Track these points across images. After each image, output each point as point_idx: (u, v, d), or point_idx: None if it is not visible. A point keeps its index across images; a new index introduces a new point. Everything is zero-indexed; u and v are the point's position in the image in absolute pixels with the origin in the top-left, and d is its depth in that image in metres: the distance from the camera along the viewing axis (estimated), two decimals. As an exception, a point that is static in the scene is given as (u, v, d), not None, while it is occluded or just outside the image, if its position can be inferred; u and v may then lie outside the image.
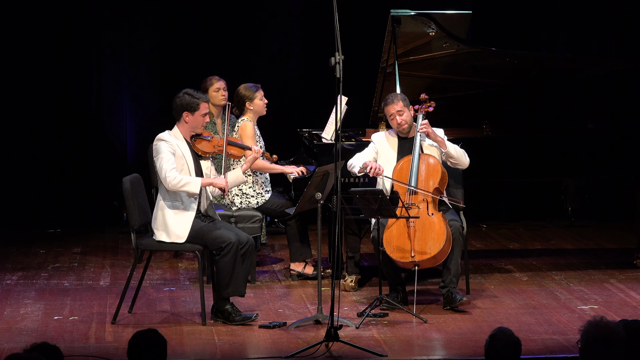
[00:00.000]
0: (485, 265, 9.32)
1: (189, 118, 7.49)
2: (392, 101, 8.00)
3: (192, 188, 7.35)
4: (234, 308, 7.40)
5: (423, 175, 7.87)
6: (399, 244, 7.66)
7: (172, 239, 7.43)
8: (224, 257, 7.35)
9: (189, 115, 7.48)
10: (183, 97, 7.51)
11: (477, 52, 8.86)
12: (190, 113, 7.48)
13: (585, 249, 10.13)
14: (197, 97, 7.51)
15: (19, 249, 10.10)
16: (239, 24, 11.32)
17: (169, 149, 7.40)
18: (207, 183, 7.47)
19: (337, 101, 6.86)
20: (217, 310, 7.45)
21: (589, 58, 9.60)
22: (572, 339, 6.92)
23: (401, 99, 8.00)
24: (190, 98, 7.49)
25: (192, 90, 7.56)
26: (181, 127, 7.52)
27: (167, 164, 7.35)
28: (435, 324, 7.40)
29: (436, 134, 7.96)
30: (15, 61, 11.05)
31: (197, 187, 7.36)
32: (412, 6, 8.95)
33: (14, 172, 11.14)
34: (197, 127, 7.53)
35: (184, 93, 7.53)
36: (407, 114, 8.00)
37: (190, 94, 7.51)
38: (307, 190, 7.58)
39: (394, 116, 8.00)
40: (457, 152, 7.96)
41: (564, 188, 11.58)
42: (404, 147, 8.05)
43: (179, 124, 7.53)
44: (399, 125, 8.00)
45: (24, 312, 7.78)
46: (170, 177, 7.32)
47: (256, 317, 7.45)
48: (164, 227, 7.44)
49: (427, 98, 8.10)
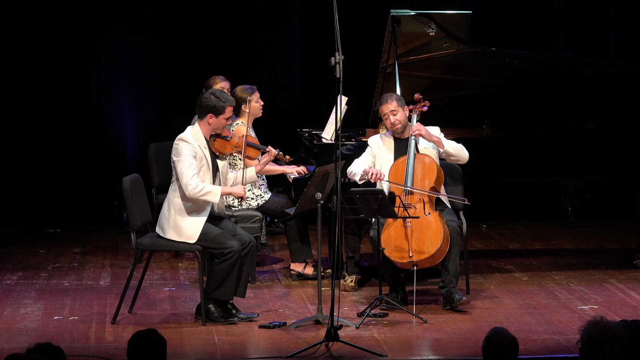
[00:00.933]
0: (485, 265, 9.32)
1: (212, 120, 7.45)
2: (386, 101, 7.99)
3: (212, 198, 7.35)
4: (216, 308, 7.40)
5: (419, 175, 7.87)
6: (397, 245, 7.66)
7: (183, 238, 7.41)
8: (223, 262, 7.35)
9: (213, 117, 7.44)
10: (210, 98, 7.43)
11: (477, 52, 8.86)
12: (214, 115, 7.44)
13: (585, 249, 10.13)
14: (223, 100, 7.44)
15: (19, 249, 10.10)
16: (239, 24, 11.31)
17: (191, 152, 7.37)
18: (226, 192, 7.46)
19: (337, 101, 6.86)
20: (198, 308, 7.45)
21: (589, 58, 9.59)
22: (572, 339, 6.92)
23: (396, 99, 8.00)
24: (217, 101, 7.42)
25: (220, 92, 7.50)
26: (203, 126, 7.48)
27: (189, 170, 7.32)
28: (435, 324, 7.40)
29: (431, 134, 7.94)
30: (15, 61, 11.05)
31: (217, 197, 7.36)
32: (412, 6, 8.94)
33: (14, 172, 11.14)
34: (219, 129, 7.51)
35: (211, 94, 7.45)
36: (401, 114, 7.99)
37: (217, 96, 7.43)
38: (307, 190, 7.58)
39: (387, 116, 8.00)
40: (455, 148, 7.96)
41: (564, 188, 11.58)
42: (400, 147, 8.05)
43: (202, 123, 7.47)
44: (392, 125, 8.00)
45: (24, 312, 7.78)
46: (192, 185, 7.30)
47: (249, 319, 7.44)
48: (175, 225, 7.41)
49: (421, 98, 8.10)
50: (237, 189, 7.50)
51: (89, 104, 11.30)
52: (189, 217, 7.41)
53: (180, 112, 10.22)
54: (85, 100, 11.28)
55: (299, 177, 8.76)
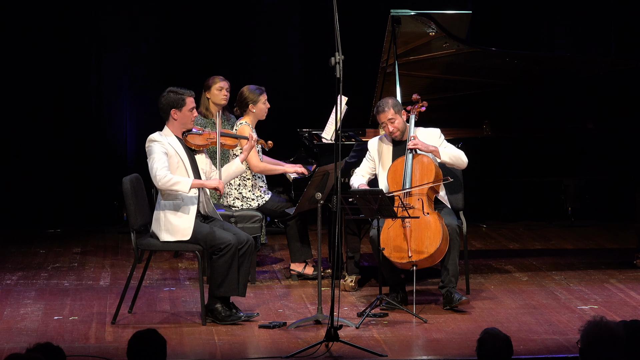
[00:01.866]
0: (485, 265, 9.32)
1: (177, 115, 7.48)
2: (383, 110, 7.96)
3: (182, 187, 7.33)
4: (224, 308, 7.40)
5: (417, 176, 7.86)
6: (396, 245, 7.66)
7: (177, 237, 7.42)
8: (221, 257, 7.35)
9: (177, 112, 7.48)
10: (168, 95, 7.50)
11: (477, 52, 8.86)
12: (177, 110, 7.47)
13: (585, 249, 10.13)
14: (181, 92, 7.50)
15: (19, 249, 10.10)
16: (239, 24, 11.32)
17: (162, 149, 7.39)
18: (198, 184, 7.43)
19: (337, 101, 6.86)
20: (207, 309, 7.45)
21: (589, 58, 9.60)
22: (572, 339, 6.92)
23: (392, 105, 7.95)
24: (175, 95, 7.49)
25: (176, 87, 7.55)
26: (171, 125, 7.51)
27: (157, 163, 7.33)
28: (435, 324, 7.39)
29: (427, 145, 7.91)
30: (15, 61, 11.06)
31: (187, 187, 7.34)
32: (412, 6, 8.95)
33: (14, 172, 11.14)
34: (187, 123, 7.52)
35: (168, 91, 7.52)
36: (399, 120, 7.97)
37: (174, 91, 7.51)
38: (307, 190, 7.58)
39: (385, 124, 7.99)
40: (452, 156, 7.93)
41: (564, 188, 11.58)
42: (399, 150, 8.04)
43: (168, 123, 7.52)
44: (391, 133, 7.99)
45: (24, 312, 7.78)
46: (159, 175, 7.30)
47: (248, 318, 7.44)
48: (167, 227, 7.42)
49: (419, 98, 8.09)
50: (211, 182, 7.50)
51: (89, 104, 11.30)
52: (177, 215, 7.40)
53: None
54: (85, 100, 11.28)
55: (299, 177, 8.76)
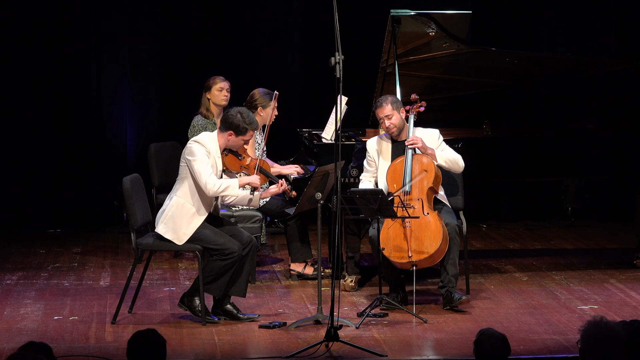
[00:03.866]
0: (485, 265, 9.32)
1: (231, 137, 7.43)
2: (381, 105, 7.96)
3: (232, 191, 7.36)
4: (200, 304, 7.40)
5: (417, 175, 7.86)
6: (396, 245, 7.66)
7: (172, 238, 7.41)
8: (221, 261, 7.36)
9: (233, 135, 7.42)
10: (236, 116, 7.40)
11: (477, 52, 8.86)
12: (235, 134, 7.43)
13: (585, 249, 10.13)
14: (248, 122, 7.40)
15: (19, 249, 10.10)
16: (239, 24, 11.31)
17: (205, 153, 7.39)
18: (243, 183, 7.45)
19: (337, 101, 6.86)
20: (184, 297, 7.51)
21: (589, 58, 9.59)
22: (572, 339, 6.92)
23: (391, 101, 7.96)
24: (242, 122, 7.39)
25: (247, 113, 7.44)
26: (221, 138, 7.46)
27: (206, 168, 7.32)
28: (435, 324, 7.40)
29: (426, 147, 7.90)
30: (15, 61, 11.05)
31: (236, 189, 7.37)
32: (412, 6, 8.94)
33: (14, 172, 11.14)
34: (235, 147, 7.51)
35: (239, 113, 7.42)
36: (397, 117, 7.97)
37: (243, 118, 7.40)
38: (307, 190, 7.58)
39: (382, 120, 8.00)
40: (449, 160, 7.92)
41: (564, 188, 11.58)
42: (398, 149, 8.04)
43: (221, 135, 7.45)
44: (387, 128, 8.00)
45: (24, 312, 7.78)
46: (210, 183, 7.30)
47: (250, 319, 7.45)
48: (172, 223, 7.41)
49: (417, 98, 8.09)
50: (253, 178, 7.50)
51: (89, 104, 11.30)
52: (186, 216, 7.41)
53: (180, 112, 10.23)
54: (85, 100, 11.28)
55: (298, 177, 8.76)
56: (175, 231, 7.42)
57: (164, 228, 7.44)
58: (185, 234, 7.41)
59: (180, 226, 7.41)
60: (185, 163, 7.43)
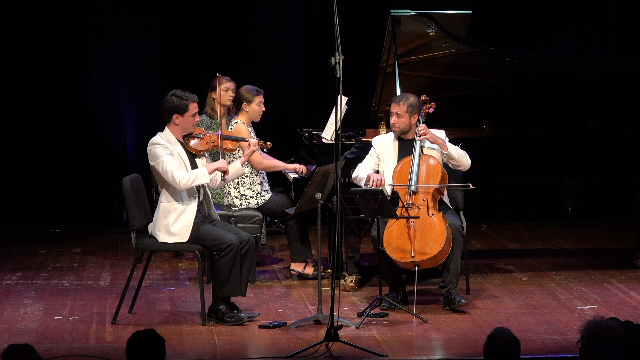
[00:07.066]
0: (485, 265, 9.32)
1: (179, 120, 7.45)
2: (399, 102, 7.98)
3: (203, 180, 7.38)
4: (227, 309, 7.39)
5: (423, 176, 7.86)
6: (399, 244, 7.66)
7: (175, 239, 7.42)
8: (223, 257, 7.35)
9: (179, 117, 7.44)
10: (171, 99, 7.44)
11: (477, 52, 8.86)
12: (180, 115, 7.44)
13: (585, 249, 10.13)
14: (185, 98, 7.44)
15: (19, 249, 10.10)
16: (239, 24, 11.32)
17: (166, 151, 7.39)
18: (212, 170, 7.46)
19: (337, 101, 6.86)
20: (210, 310, 7.45)
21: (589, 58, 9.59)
22: (572, 339, 6.92)
23: (408, 104, 7.94)
24: (179, 100, 7.43)
25: (180, 91, 7.48)
26: (172, 128, 7.49)
27: (171, 166, 7.33)
28: (435, 324, 7.40)
29: (436, 137, 7.93)
30: (15, 61, 11.06)
31: (206, 177, 7.38)
32: (412, 6, 8.95)
33: (14, 172, 11.15)
34: (189, 128, 7.50)
35: (172, 95, 7.45)
36: (405, 119, 7.96)
37: (178, 96, 7.44)
38: (307, 190, 7.58)
39: (392, 114, 8.01)
40: (459, 153, 7.94)
41: (564, 188, 11.59)
42: (404, 149, 8.04)
43: (170, 125, 7.49)
44: (392, 124, 8.02)
45: (24, 312, 7.78)
46: (179, 177, 7.31)
47: (249, 318, 7.44)
48: (166, 228, 7.43)
49: (427, 99, 8.09)
50: (219, 163, 7.52)
51: (89, 104, 11.31)
52: (176, 216, 7.40)
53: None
54: (85, 100, 11.29)
55: (298, 177, 8.76)
56: (175, 233, 7.42)
57: (164, 235, 7.43)
58: (186, 230, 7.39)
59: (177, 227, 7.40)
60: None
